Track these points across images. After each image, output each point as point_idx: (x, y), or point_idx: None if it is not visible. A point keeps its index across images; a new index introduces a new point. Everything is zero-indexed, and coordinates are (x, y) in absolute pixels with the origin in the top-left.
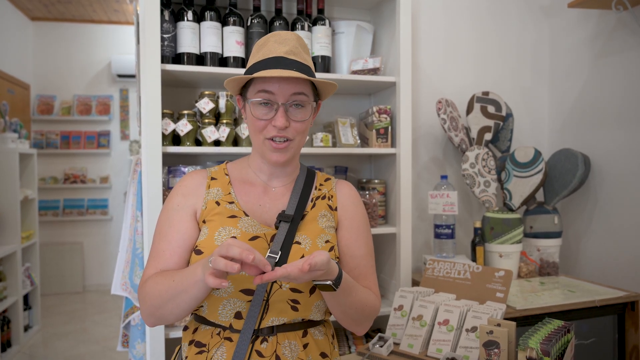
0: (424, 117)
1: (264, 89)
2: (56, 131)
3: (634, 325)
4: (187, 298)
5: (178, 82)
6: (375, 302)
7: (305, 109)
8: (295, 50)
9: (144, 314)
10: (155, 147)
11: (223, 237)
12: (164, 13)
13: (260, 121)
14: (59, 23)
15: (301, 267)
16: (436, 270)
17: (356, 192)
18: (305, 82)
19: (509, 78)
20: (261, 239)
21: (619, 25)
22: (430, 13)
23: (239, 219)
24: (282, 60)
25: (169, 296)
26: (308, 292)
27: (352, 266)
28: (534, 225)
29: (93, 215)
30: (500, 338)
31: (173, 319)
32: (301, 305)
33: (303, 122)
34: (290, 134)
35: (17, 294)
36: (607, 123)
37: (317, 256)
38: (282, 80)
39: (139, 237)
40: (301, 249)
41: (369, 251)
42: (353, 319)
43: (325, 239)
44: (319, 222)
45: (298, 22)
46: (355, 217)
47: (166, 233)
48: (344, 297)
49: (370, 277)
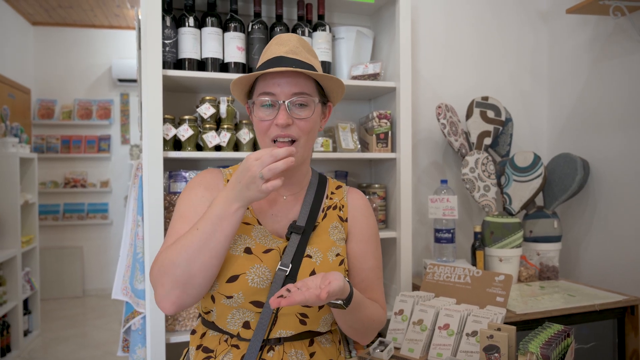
0: (424, 122)
1: (266, 91)
2: (57, 135)
3: (633, 329)
4: (222, 238)
5: (179, 88)
6: (382, 316)
7: (309, 108)
8: (295, 50)
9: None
10: (157, 152)
11: (239, 247)
12: (165, 19)
13: (263, 122)
14: (60, 28)
15: (319, 295)
16: (436, 274)
17: (367, 202)
18: (307, 82)
19: (508, 83)
20: (275, 251)
21: (617, 30)
22: (430, 19)
23: (253, 226)
24: (282, 59)
25: (198, 246)
26: (317, 307)
27: (360, 278)
28: (534, 230)
29: (93, 220)
30: (501, 342)
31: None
32: (310, 319)
33: (307, 120)
34: (294, 132)
35: (17, 299)
36: (606, 128)
37: (334, 282)
38: (282, 80)
39: (139, 242)
40: (312, 263)
41: (377, 264)
42: (359, 332)
43: (335, 252)
44: (330, 234)
45: (298, 28)
46: (365, 229)
47: (191, 219)
48: (352, 314)
49: (377, 289)
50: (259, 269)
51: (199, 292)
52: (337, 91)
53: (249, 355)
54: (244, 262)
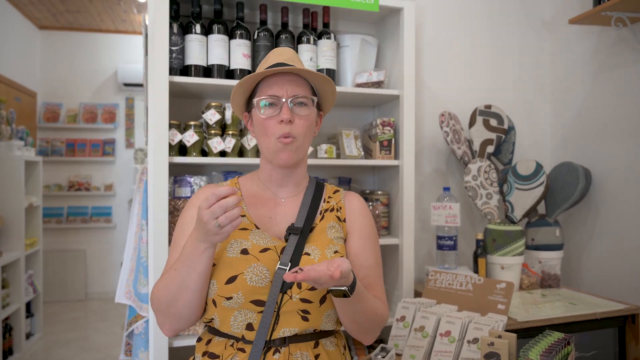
0: (427, 130)
1: (269, 93)
2: (62, 139)
3: (634, 338)
4: (195, 277)
5: (185, 93)
6: (383, 311)
7: (308, 107)
8: (292, 59)
9: (161, 323)
10: (162, 157)
11: (235, 249)
12: (172, 26)
13: (268, 120)
14: (67, 32)
15: (332, 274)
16: (438, 281)
17: (364, 203)
18: (305, 86)
19: (511, 92)
20: (271, 251)
21: (619, 41)
22: (434, 27)
23: (250, 231)
24: (281, 64)
25: (177, 286)
26: (318, 302)
27: (360, 276)
28: (536, 238)
29: (97, 223)
30: (501, 350)
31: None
32: (311, 315)
33: (307, 118)
34: (294, 131)
35: (20, 301)
36: (608, 137)
37: (344, 264)
38: (284, 82)
39: (143, 246)
40: (310, 260)
41: (377, 262)
42: (363, 327)
43: (334, 249)
44: (328, 233)
45: (304, 36)
46: (364, 228)
47: (179, 244)
48: (355, 305)
49: (378, 287)
50: (256, 268)
51: (188, 322)
52: (330, 97)
53: (253, 355)
54: (241, 263)
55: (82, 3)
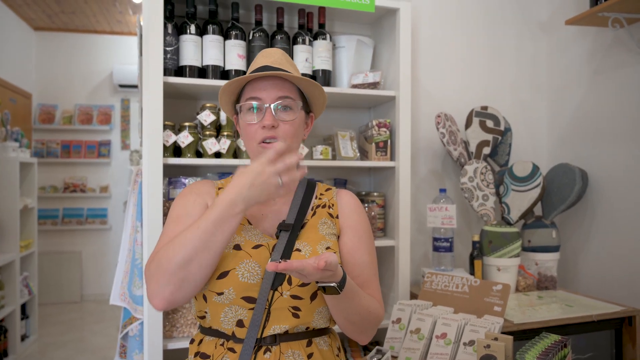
0: (423, 131)
1: (252, 96)
2: (57, 140)
3: (631, 340)
4: (220, 238)
5: (180, 94)
6: (378, 309)
7: (293, 111)
8: (279, 61)
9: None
10: (157, 158)
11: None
12: (167, 26)
13: (251, 125)
14: (62, 33)
15: (316, 264)
16: (434, 283)
17: (357, 200)
18: (290, 87)
19: (507, 93)
20: (264, 247)
21: (616, 42)
22: (430, 28)
23: (243, 226)
24: (266, 67)
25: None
26: (309, 298)
27: (355, 274)
28: (532, 239)
29: (92, 225)
30: (497, 352)
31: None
32: (302, 312)
33: (292, 122)
34: (279, 134)
35: (15, 303)
36: (604, 138)
37: (330, 256)
38: (268, 85)
39: (138, 248)
40: (301, 256)
41: (371, 259)
42: (357, 326)
43: (325, 245)
44: (320, 229)
45: (299, 37)
46: (358, 225)
47: (185, 221)
48: (347, 302)
49: (373, 285)
50: (248, 264)
51: (192, 290)
52: (319, 99)
53: (244, 353)
54: (233, 258)
55: (78, 4)
